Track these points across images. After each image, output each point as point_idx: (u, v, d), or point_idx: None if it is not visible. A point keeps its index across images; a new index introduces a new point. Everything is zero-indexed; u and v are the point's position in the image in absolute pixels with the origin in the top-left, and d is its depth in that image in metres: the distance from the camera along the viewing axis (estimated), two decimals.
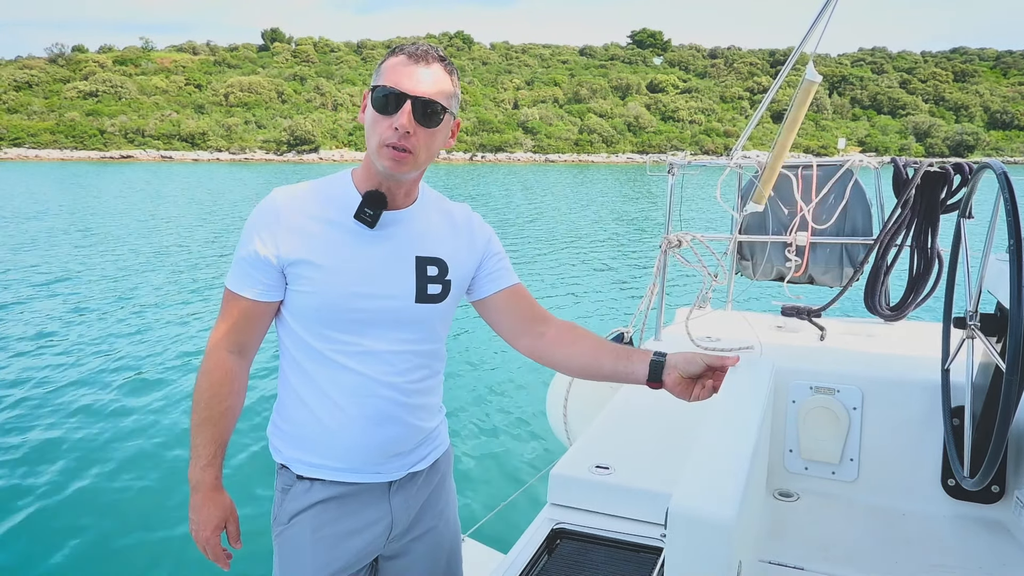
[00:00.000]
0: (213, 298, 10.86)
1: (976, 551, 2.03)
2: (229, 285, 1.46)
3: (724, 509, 0.94)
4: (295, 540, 1.51)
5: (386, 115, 1.36)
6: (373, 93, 1.38)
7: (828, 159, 3.18)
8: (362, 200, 1.42)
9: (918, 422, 2.30)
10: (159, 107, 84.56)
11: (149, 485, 4.83)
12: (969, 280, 1.92)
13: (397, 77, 1.36)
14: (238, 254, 1.45)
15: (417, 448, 1.57)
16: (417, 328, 1.49)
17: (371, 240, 1.44)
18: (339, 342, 1.44)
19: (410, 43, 1.42)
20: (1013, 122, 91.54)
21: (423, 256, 1.49)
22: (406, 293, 1.46)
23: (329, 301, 1.41)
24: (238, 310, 1.45)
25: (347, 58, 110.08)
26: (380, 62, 1.43)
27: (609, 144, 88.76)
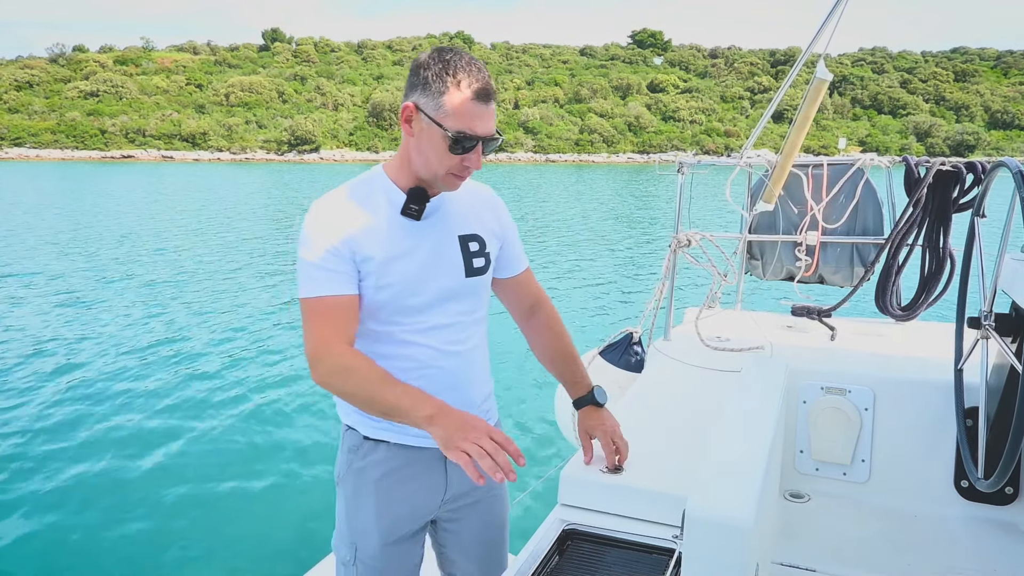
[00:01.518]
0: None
1: (990, 553, 2.02)
2: (312, 293, 1.50)
3: (741, 512, 0.93)
4: (359, 495, 1.67)
5: (458, 154, 1.47)
6: (447, 133, 1.45)
7: (839, 158, 3.17)
8: (407, 198, 1.55)
9: (931, 423, 2.28)
10: (160, 107, 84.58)
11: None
12: (983, 279, 1.90)
13: (470, 122, 1.45)
14: (310, 263, 1.50)
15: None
16: (469, 300, 1.65)
17: (420, 230, 1.57)
18: (405, 324, 1.58)
19: (461, 60, 1.45)
20: (1014, 122, 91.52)
21: (464, 234, 1.64)
22: (457, 270, 1.61)
23: (395, 292, 1.55)
24: (333, 312, 1.50)
25: (348, 58, 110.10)
26: (438, 88, 1.44)
27: (610, 144, 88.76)
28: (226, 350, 8.24)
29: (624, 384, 3.08)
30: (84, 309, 10.15)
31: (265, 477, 5.11)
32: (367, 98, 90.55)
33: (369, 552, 1.69)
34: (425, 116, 1.46)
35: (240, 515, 4.57)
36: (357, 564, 1.70)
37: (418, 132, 1.49)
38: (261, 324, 9.43)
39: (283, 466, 5.29)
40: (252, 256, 15.20)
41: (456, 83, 1.44)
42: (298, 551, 4.06)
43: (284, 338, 8.70)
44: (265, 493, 4.87)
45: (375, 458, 1.66)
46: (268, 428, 6.04)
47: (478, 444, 1.29)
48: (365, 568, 1.70)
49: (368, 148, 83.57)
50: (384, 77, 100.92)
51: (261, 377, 7.30)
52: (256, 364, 7.76)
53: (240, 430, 6.03)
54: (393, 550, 1.69)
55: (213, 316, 9.87)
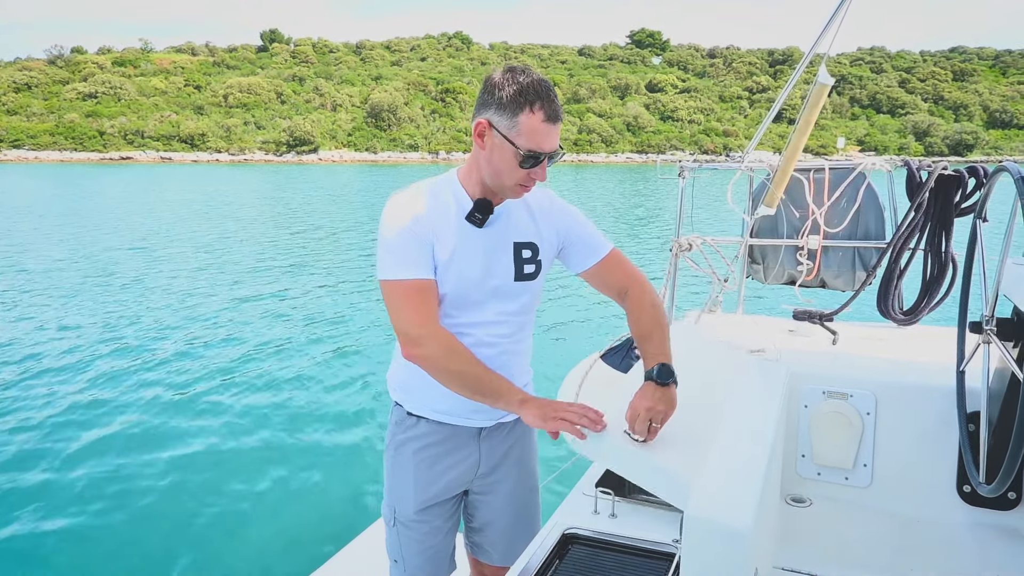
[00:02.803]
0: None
1: (992, 558, 2.02)
2: (401, 275, 1.64)
3: (741, 516, 0.93)
4: (402, 464, 1.88)
5: (526, 168, 1.62)
6: (517, 152, 1.59)
7: (840, 162, 3.17)
8: (473, 207, 1.70)
9: (933, 428, 2.28)
10: (158, 108, 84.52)
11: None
12: (985, 284, 1.90)
13: (540, 140, 1.59)
14: (397, 246, 1.64)
15: None
16: (516, 301, 1.79)
17: (480, 235, 1.72)
18: (457, 317, 1.73)
19: (531, 83, 1.57)
20: (1012, 121, 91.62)
21: (519, 242, 1.78)
22: (507, 274, 1.76)
23: (454, 287, 1.69)
24: (420, 293, 1.64)
25: (346, 59, 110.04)
26: (512, 110, 1.57)
27: (608, 144, 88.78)
28: (266, 339, 8.37)
29: (627, 385, 3.07)
30: (108, 305, 10.17)
31: (314, 453, 5.51)
32: (365, 98, 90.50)
33: (407, 515, 1.89)
34: (498, 133, 1.60)
35: (294, 488, 4.91)
36: (397, 525, 1.92)
37: (490, 147, 1.63)
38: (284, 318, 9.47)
39: (332, 440, 5.75)
40: (266, 254, 15.22)
41: (529, 106, 1.57)
42: (350, 516, 4.43)
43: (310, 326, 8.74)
44: (314, 466, 5.23)
45: (416, 432, 1.86)
46: (306, 413, 6.40)
47: (569, 412, 1.51)
48: (404, 528, 1.91)
49: (367, 149, 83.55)
50: (383, 78, 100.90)
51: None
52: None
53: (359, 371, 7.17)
54: (427, 515, 1.89)
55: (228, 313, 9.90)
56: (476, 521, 2.02)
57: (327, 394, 6.89)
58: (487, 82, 1.64)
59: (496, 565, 2.04)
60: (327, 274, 13.42)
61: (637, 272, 1.92)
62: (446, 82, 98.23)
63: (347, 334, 9.06)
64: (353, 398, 6.76)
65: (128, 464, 5.24)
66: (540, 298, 1.90)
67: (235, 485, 4.93)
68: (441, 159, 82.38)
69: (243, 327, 9.44)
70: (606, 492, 1.80)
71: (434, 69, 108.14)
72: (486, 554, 2.05)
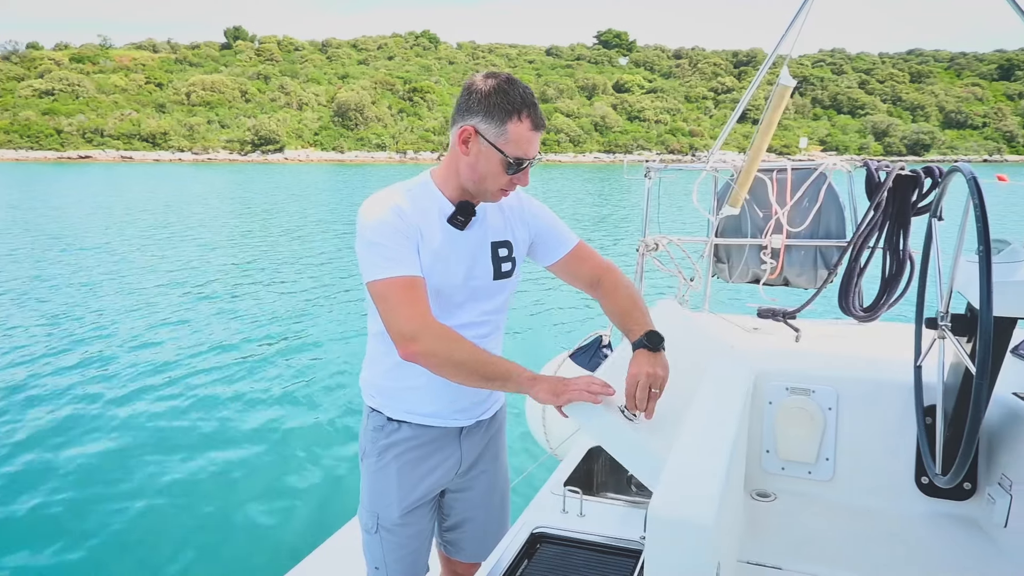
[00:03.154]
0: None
1: (950, 547, 2.07)
2: (390, 273, 1.61)
3: (703, 511, 0.94)
4: (384, 469, 1.86)
5: (512, 174, 1.66)
6: (507, 158, 1.62)
7: (802, 162, 3.23)
8: (456, 210, 1.72)
9: (892, 421, 2.33)
10: (118, 106, 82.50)
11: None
12: (940, 281, 1.95)
13: (527, 148, 1.64)
14: (382, 245, 1.62)
15: (483, 401, 1.91)
16: (494, 301, 1.82)
17: (461, 237, 1.74)
18: (439, 319, 1.68)
19: (517, 89, 1.62)
20: (967, 122, 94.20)
21: (495, 241, 1.80)
22: (487, 274, 1.78)
23: (435, 287, 1.69)
24: (412, 289, 1.62)
25: (312, 57, 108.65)
26: (500, 118, 1.60)
27: (576, 144, 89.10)
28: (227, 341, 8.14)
29: None
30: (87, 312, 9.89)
31: (282, 457, 5.44)
32: (332, 97, 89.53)
33: (391, 520, 1.88)
34: (484, 140, 1.63)
35: (257, 494, 4.83)
36: (380, 531, 1.90)
37: (475, 153, 1.65)
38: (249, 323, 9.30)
39: (299, 443, 5.68)
40: (238, 253, 14.97)
41: (517, 114, 1.61)
42: (320, 519, 4.40)
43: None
44: (279, 472, 5.18)
45: (398, 437, 1.85)
46: (273, 416, 6.29)
47: (579, 384, 1.50)
48: (387, 534, 1.89)
49: (334, 148, 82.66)
50: (349, 76, 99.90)
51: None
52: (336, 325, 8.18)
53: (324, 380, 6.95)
54: (410, 518, 1.89)
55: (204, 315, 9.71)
56: (452, 519, 2.03)
57: (293, 395, 6.80)
58: (469, 88, 1.64)
59: (469, 562, 2.05)
60: (296, 276, 13.25)
61: (606, 260, 1.96)
62: (414, 81, 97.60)
63: (310, 337, 8.95)
64: (321, 399, 6.70)
65: (89, 468, 5.14)
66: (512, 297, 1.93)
67: (200, 490, 4.86)
68: (409, 159, 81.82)
69: (204, 329, 9.28)
70: (574, 491, 1.80)
71: (401, 68, 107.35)
72: (460, 551, 2.06)
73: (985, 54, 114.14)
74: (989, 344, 1.50)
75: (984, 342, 1.50)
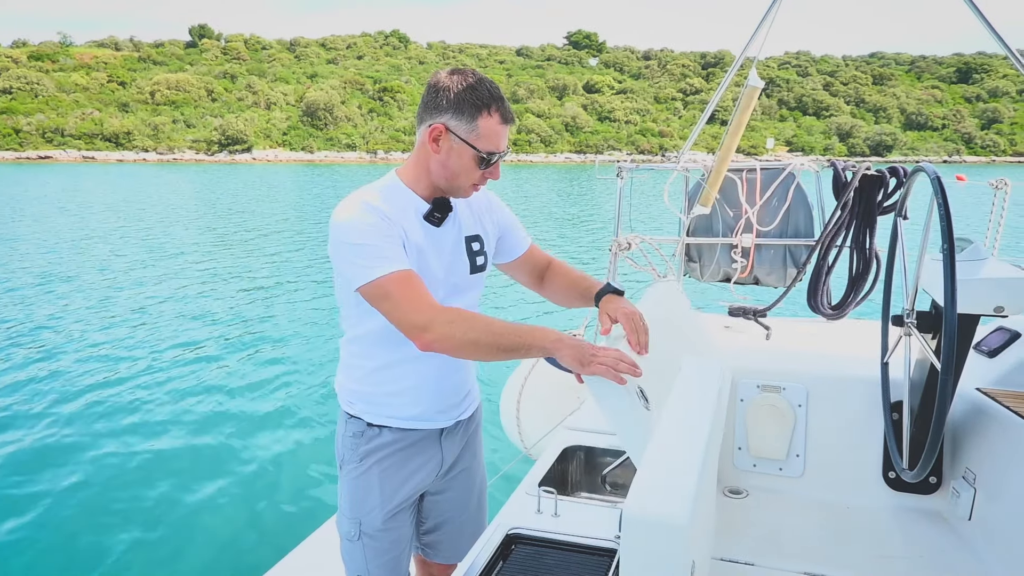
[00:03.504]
0: None
1: (917, 541, 2.11)
2: (386, 271, 1.58)
3: (677, 510, 0.94)
4: (365, 476, 1.84)
5: (482, 169, 1.67)
6: (479, 154, 1.64)
7: (771, 162, 3.27)
8: (432, 207, 1.72)
9: (860, 417, 2.37)
10: (79, 105, 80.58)
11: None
12: (906, 279, 1.99)
13: (498, 141, 1.65)
14: (369, 246, 1.59)
15: (462, 401, 1.92)
16: (470, 295, 1.84)
17: (436, 233, 1.75)
18: None
19: (483, 86, 1.62)
20: (927, 123, 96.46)
21: (468, 235, 1.82)
22: (463, 268, 1.80)
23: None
24: (411, 281, 1.60)
25: (280, 56, 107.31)
26: (471, 114, 1.61)
27: (547, 144, 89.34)
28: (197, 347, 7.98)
29: (568, 386, 3.10)
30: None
31: (250, 464, 5.32)
32: (301, 97, 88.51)
33: (374, 526, 1.86)
34: (456, 137, 1.63)
35: (225, 501, 4.75)
36: (362, 538, 1.87)
37: (446, 150, 1.65)
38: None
39: (271, 446, 5.61)
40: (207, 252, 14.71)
41: (487, 108, 1.62)
42: (294, 521, 4.36)
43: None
44: (247, 481, 5.07)
45: (380, 442, 1.83)
46: (242, 422, 6.19)
47: (606, 356, 1.45)
48: (370, 540, 1.87)
49: (303, 148, 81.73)
50: (318, 76, 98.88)
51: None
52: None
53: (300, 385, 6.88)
54: (394, 522, 1.88)
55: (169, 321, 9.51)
56: (431, 521, 2.02)
57: (266, 397, 6.73)
58: (436, 86, 1.63)
59: (445, 563, 2.05)
60: (262, 279, 13.07)
61: (550, 256, 2.06)
62: (384, 81, 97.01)
63: (279, 338, 8.81)
64: (293, 401, 6.63)
65: (56, 473, 5.04)
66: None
67: (170, 492, 4.79)
68: (380, 159, 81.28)
69: (163, 333, 9.11)
70: (549, 491, 1.80)
71: (371, 68, 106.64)
72: (438, 553, 2.05)
73: (944, 57, 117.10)
74: (953, 341, 1.53)
75: (948, 339, 1.53)
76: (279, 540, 3.81)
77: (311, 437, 5.82)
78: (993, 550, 1.98)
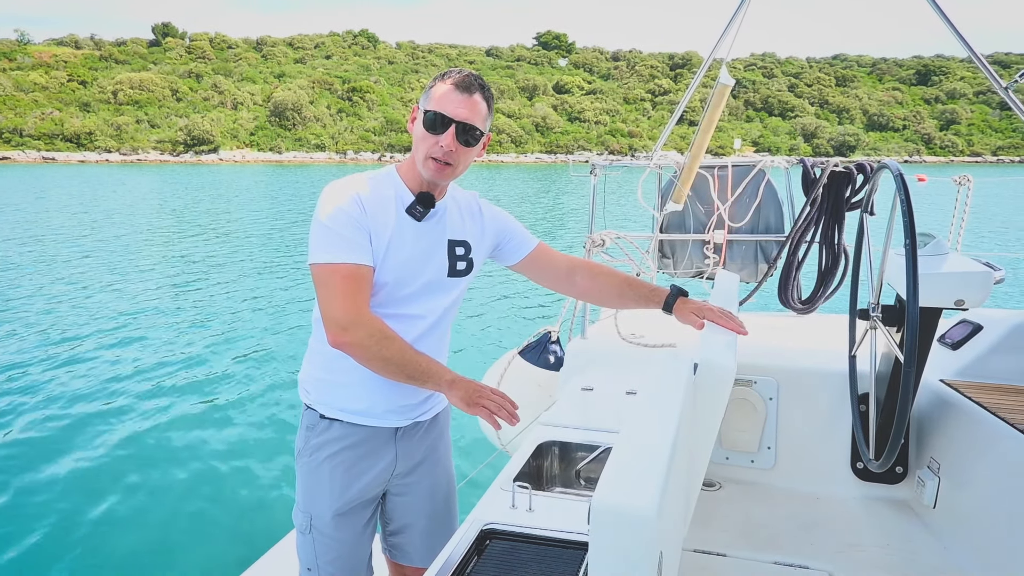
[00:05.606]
0: None
1: (884, 529, 2.16)
2: (335, 259, 1.62)
3: (644, 502, 0.95)
4: (316, 469, 1.84)
5: (433, 134, 1.66)
6: (424, 115, 1.67)
7: (742, 159, 3.32)
8: (415, 200, 1.74)
9: (829, 409, 2.42)
10: (39, 105, 78.44)
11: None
12: (872, 274, 2.03)
13: (445, 104, 1.65)
14: (331, 229, 1.63)
15: (422, 403, 1.90)
16: (447, 297, 1.83)
17: (418, 229, 1.75)
18: (382, 307, 1.72)
19: (456, 70, 1.70)
20: (888, 124, 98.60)
21: (453, 239, 1.83)
22: (441, 269, 1.80)
23: (390, 276, 1.70)
24: (354, 278, 1.63)
25: (246, 55, 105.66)
26: (430, 85, 1.71)
27: (518, 144, 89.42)
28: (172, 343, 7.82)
29: (543, 383, 3.10)
30: None
31: (225, 460, 5.33)
32: (268, 97, 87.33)
33: (323, 521, 1.85)
34: (419, 109, 1.71)
35: (205, 497, 4.77)
36: (313, 532, 1.87)
37: (416, 126, 1.71)
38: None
39: (239, 447, 5.54)
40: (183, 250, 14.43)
41: (443, 78, 1.69)
42: (266, 524, 4.32)
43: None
44: (226, 476, 5.09)
45: (330, 435, 1.83)
46: (214, 417, 6.16)
47: (492, 399, 1.56)
48: (320, 535, 1.86)
49: (271, 149, 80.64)
50: (286, 75, 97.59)
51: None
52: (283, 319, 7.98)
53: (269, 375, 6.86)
54: (344, 520, 1.86)
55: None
56: (395, 523, 2.01)
57: (236, 397, 6.66)
58: None
59: (416, 567, 2.02)
60: (237, 276, 12.89)
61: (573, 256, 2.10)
62: (353, 81, 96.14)
63: (251, 337, 8.72)
64: (264, 400, 6.59)
65: (21, 479, 4.94)
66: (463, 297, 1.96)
67: (142, 495, 4.74)
68: (349, 159, 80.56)
69: (144, 331, 8.96)
70: (524, 486, 1.80)
71: (340, 67, 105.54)
72: (406, 556, 2.03)
73: (904, 60, 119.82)
74: (916, 334, 1.57)
75: (911, 332, 1.57)
76: (257, 540, 3.78)
77: (282, 432, 5.78)
78: (957, 537, 2.04)
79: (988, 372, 2.31)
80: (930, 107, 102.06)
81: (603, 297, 2.02)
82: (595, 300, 2.07)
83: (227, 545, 4.14)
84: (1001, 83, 2.56)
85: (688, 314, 1.84)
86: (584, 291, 2.02)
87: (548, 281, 2.03)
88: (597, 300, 2.06)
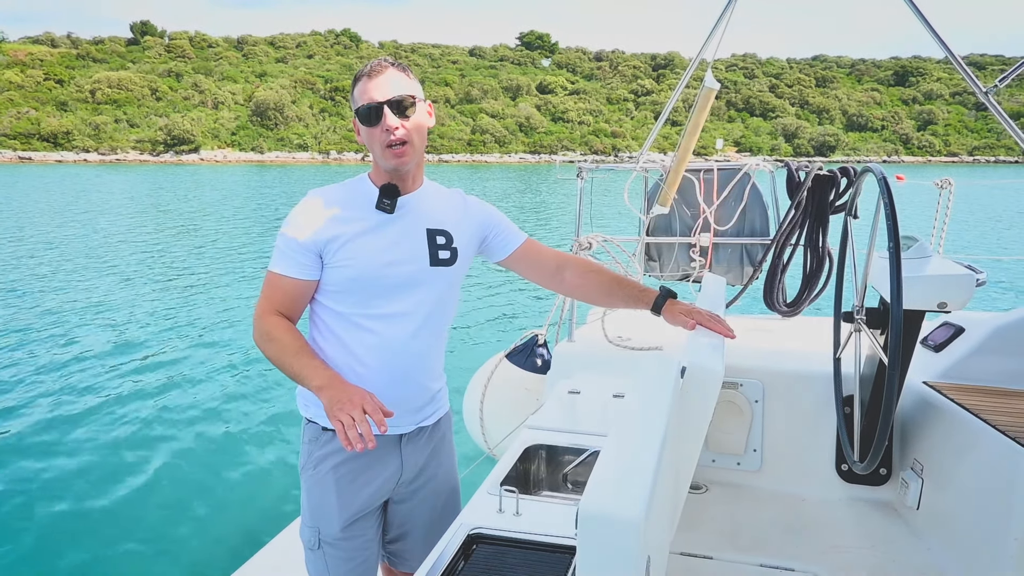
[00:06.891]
0: None
1: (868, 530, 2.18)
2: (272, 268, 1.74)
3: (631, 506, 0.95)
4: (321, 483, 1.82)
5: (374, 126, 1.68)
6: (357, 115, 1.72)
7: (728, 163, 3.34)
8: (379, 193, 1.75)
9: (814, 412, 2.43)
10: (14, 104, 77.17)
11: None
12: (856, 277, 2.05)
13: (368, 94, 1.68)
14: (281, 243, 1.73)
15: (425, 407, 1.90)
16: (432, 288, 1.80)
17: (390, 221, 1.77)
18: (366, 306, 1.74)
19: (365, 66, 1.74)
20: (867, 124, 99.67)
21: (432, 228, 1.82)
22: (421, 258, 1.78)
23: (361, 271, 1.71)
24: (281, 289, 1.73)
25: (227, 54, 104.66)
26: (351, 92, 1.75)
27: (502, 144, 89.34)
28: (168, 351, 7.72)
29: (531, 386, 3.10)
30: None
31: (220, 457, 5.35)
32: (250, 96, 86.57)
33: (332, 534, 1.83)
34: (355, 117, 1.74)
35: (200, 495, 4.77)
36: (322, 547, 1.85)
37: (360, 131, 1.75)
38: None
39: (235, 451, 5.52)
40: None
41: (359, 81, 1.72)
42: (257, 525, 4.27)
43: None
44: (222, 473, 5.10)
45: (334, 447, 1.81)
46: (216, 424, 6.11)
47: (351, 415, 1.47)
48: (330, 548, 1.84)
49: (252, 149, 79.95)
50: (267, 75, 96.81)
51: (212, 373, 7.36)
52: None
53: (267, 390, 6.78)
54: (354, 530, 1.85)
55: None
56: (396, 529, 1.99)
57: (230, 401, 6.64)
58: None
59: (413, 573, 2.01)
60: (224, 280, 12.77)
61: (562, 251, 2.09)
62: (335, 80, 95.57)
63: (248, 337, 8.67)
64: (258, 405, 6.55)
65: (17, 479, 4.95)
66: (457, 295, 1.92)
67: (135, 496, 4.74)
68: (332, 159, 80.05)
69: (139, 335, 8.87)
70: (511, 491, 1.80)
71: (322, 67, 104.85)
72: (405, 563, 2.01)
73: (883, 61, 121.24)
74: (899, 336, 1.58)
75: (895, 334, 1.58)
76: (244, 544, 3.76)
77: (276, 440, 5.74)
78: (940, 538, 2.06)
79: (970, 374, 2.33)
80: (908, 108, 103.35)
81: (592, 295, 2.00)
82: (584, 297, 2.05)
83: (224, 542, 4.13)
84: (981, 88, 2.59)
85: (678, 315, 1.84)
86: (573, 288, 1.99)
87: (537, 277, 2.01)
88: (586, 297, 2.04)
